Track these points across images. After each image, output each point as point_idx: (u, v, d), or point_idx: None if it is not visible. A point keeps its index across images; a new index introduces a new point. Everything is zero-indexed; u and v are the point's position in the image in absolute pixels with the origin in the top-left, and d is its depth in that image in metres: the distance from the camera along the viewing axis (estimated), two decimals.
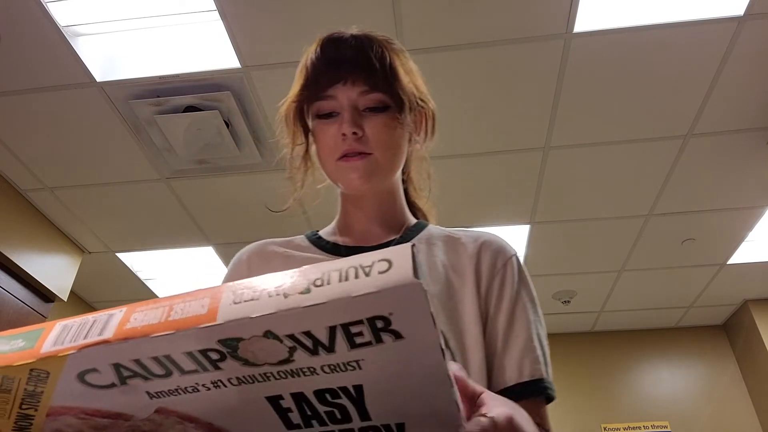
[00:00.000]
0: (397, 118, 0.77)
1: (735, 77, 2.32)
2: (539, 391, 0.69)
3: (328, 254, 0.81)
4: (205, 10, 2.11)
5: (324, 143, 0.78)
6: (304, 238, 0.86)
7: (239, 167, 2.78)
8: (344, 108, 0.76)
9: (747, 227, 3.27)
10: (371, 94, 0.76)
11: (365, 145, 0.76)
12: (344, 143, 0.76)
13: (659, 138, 2.64)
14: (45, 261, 3.15)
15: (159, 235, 3.34)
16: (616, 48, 2.21)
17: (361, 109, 0.77)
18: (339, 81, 0.76)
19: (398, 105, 0.77)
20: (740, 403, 4.18)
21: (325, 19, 2.11)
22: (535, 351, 0.71)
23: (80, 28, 2.19)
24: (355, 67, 0.76)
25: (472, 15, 2.10)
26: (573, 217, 3.20)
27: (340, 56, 0.77)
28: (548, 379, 0.71)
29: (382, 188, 0.82)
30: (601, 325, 4.51)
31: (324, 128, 0.78)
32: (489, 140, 2.67)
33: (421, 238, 0.81)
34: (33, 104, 2.42)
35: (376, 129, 0.76)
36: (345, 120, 0.75)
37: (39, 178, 2.86)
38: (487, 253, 0.78)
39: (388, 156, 0.78)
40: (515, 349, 0.71)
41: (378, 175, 0.78)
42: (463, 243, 0.79)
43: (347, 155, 0.76)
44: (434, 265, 0.76)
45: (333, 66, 0.76)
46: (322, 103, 0.78)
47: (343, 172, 0.77)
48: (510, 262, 0.77)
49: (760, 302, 4.16)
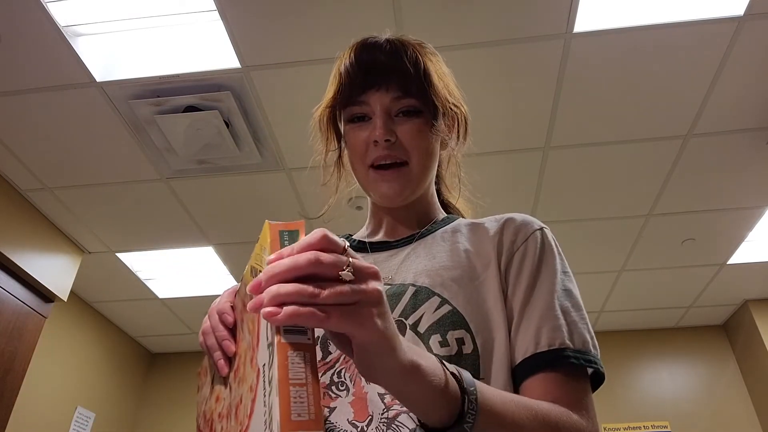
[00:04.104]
0: (431, 123, 0.77)
1: (735, 77, 2.32)
2: (559, 360, 0.62)
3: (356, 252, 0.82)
4: (205, 10, 2.11)
5: (355, 148, 0.78)
6: None
7: (239, 167, 2.78)
8: (376, 113, 0.75)
9: (747, 227, 3.27)
10: (404, 99, 0.76)
11: (397, 152, 0.75)
12: (376, 149, 0.75)
13: (659, 138, 2.64)
14: (45, 261, 3.15)
15: (159, 235, 3.34)
16: (616, 48, 2.21)
17: (394, 114, 0.76)
18: (372, 86, 0.75)
19: (431, 110, 0.77)
20: (740, 403, 4.18)
21: (325, 19, 2.11)
22: (557, 319, 0.65)
23: (80, 28, 2.19)
24: (388, 72, 0.75)
25: (472, 15, 2.10)
26: (573, 217, 3.20)
27: (374, 61, 0.76)
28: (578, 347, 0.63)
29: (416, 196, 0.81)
30: (601, 325, 4.51)
31: (356, 133, 0.78)
32: (489, 140, 2.67)
33: (447, 228, 0.81)
34: (33, 104, 2.42)
35: (409, 134, 0.76)
36: (377, 126, 0.74)
37: (39, 178, 2.86)
38: (509, 230, 0.75)
39: (422, 163, 0.77)
40: (532, 320, 0.66)
41: (411, 186, 0.77)
42: (486, 227, 0.78)
43: (381, 165, 0.76)
44: (457, 251, 0.75)
45: (366, 71, 0.76)
46: (354, 108, 0.77)
47: (375, 183, 0.77)
48: (533, 235, 0.73)
49: (760, 302, 4.16)
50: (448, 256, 0.74)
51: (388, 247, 0.80)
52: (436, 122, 0.77)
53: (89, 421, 4.06)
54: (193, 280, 3.84)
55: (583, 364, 0.63)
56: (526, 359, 0.63)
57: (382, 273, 0.74)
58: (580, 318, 0.67)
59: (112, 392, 4.40)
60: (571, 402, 0.60)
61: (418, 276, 0.72)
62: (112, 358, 4.43)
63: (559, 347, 0.63)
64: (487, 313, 0.68)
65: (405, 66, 0.75)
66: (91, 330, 4.21)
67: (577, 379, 0.63)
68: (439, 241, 0.78)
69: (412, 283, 0.71)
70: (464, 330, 0.65)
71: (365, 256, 0.79)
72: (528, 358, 0.63)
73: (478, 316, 0.67)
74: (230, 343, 0.52)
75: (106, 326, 4.39)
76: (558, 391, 0.60)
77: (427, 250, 0.76)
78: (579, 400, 0.61)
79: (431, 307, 0.67)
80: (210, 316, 0.56)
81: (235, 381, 0.49)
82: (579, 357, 0.63)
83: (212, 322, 0.55)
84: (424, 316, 0.67)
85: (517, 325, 0.67)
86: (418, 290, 0.70)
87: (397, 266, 0.76)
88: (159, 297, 4.04)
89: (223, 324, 0.54)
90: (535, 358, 0.63)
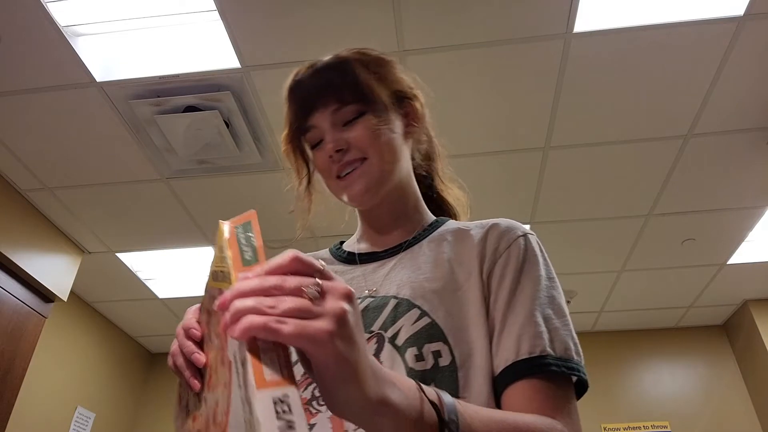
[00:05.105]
0: (377, 118, 0.78)
1: (735, 77, 2.32)
2: (540, 368, 0.61)
3: (345, 264, 0.83)
4: (205, 10, 2.11)
5: (321, 169, 0.82)
6: (327, 251, 0.89)
7: (239, 167, 2.78)
8: (326, 131, 0.78)
9: (747, 227, 3.27)
10: (343, 108, 0.78)
11: (353, 154, 0.77)
12: (334, 163, 0.78)
13: (659, 138, 2.64)
14: (45, 261, 3.15)
15: (159, 235, 3.34)
16: (616, 48, 2.21)
17: (342, 125, 0.78)
18: (313, 110, 0.79)
19: (375, 107, 0.79)
20: (740, 403, 4.18)
21: (325, 19, 2.11)
22: (538, 326, 0.64)
23: (80, 28, 2.19)
24: (321, 91, 0.79)
25: (472, 15, 2.10)
26: (573, 217, 3.20)
27: (307, 88, 0.80)
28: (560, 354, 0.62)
29: (389, 193, 0.81)
30: (601, 325, 4.50)
31: (317, 156, 0.81)
32: (489, 140, 2.67)
33: (434, 236, 0.81)
34: (33, 104, 2.42)
35: (358, 135, 0.77)
36: (326, 141, 0.78)
37: (39, 178, 2.86)
38: (492, 237, 0.75)
39: (380, 155, 0.78)
40: (513, 328, 0.65)
41: (375, 180, 0.78)
42: (472, 234, 0.77)
43: (340, 174, 0.78)
44: (440, 262, 0.75)
45: (304, 99, 0.80)
46: (309, 136, 0.81)
47: (342, 192, 0.79)
48: (516, 242, 0.73)
49: (760, 302, 4.16)
50: (432, 267, 0.74)
51: (375, 258, 0.81)
52: (383, 115, 0.79)
53: (89, 421, 4.06)
54: (193, 280, 3.84)
55: (565, 371, 0.62)
56: (507, 367, 0.63)
57: (369, 285, 0.75)
58: (563, 325, 0.66)
59: (112, 392, 4.40)
60: (553, 410, 0.59)
61: (401, 288, 0.72)
62: (112, 358, 4.43)
63: (540, 354, 0.62)
64: (467, 325, 0.67)
65: (333, 79, 0.78)
66: (91, 330, 4.21)
67: (559, 387, 0.62)
68: (425, 251, 0.78)
69: (395, 295, 0.72)
70: (442, 342, 0.65)
71: (354, 268, 0.81)
72: (509, 366, 0.63)
73: (457, 328, 0.67)
74: (199, 355, 0.51)
75: (106, 326, 4.39)
76: (539, 399, 0.60)
77: (412, 261, 0.77)
78: (561, 407, 0.60)
79: (410, 319, 0.68)
80: (177, 336, 0.56)
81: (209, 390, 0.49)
82: (560, 364, 0.62)
83: (179, 340, 0.54)
84: (403, 328, 0.67)
85: (498, 334, 0.66)
86: (399, 302, 0.70)
87: (382, 278, 0.76)
88: (159, 297, 4.04)
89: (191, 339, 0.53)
90: (515, 366, 0.62)
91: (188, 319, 0.55)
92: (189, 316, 0.55)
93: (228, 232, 0.46)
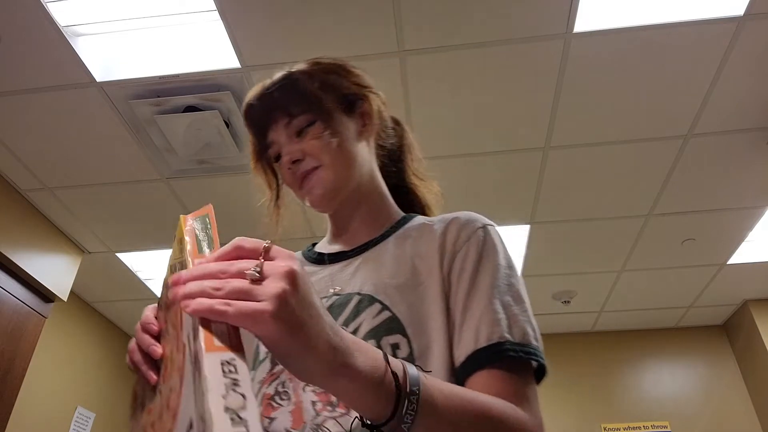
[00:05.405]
0: (326, 125, 0.80)
1: (735, 77, 2.32)
2: (498, 355, 0.62)
3: (315, 264, 0.85)
4: (205, 10, 2.11)
5: (286, 181, 0.85)
6: (300, 254, 0.91)
7: (239, 167, 2.78)
8: (282, 145, 0.82)
9: (747, 227, 3.27)
10: (294, 121, 0.80)
11: (308, 162, 0.80)
12: (293, 174, 0.81)
13: (659, 138, 2.64)
14: (45, 261, 3.15)
15: (159, 235, 3.34)
16: (616, 48, 2.21)
17: (296, 136, 0.81)
18: (268, 128, 0.83)
19: (321, 116, 0.80)
20: (740, 403, 4.18)
21: (325, 19, 2.11)
22: (496, 314, 0.65)
23: (80, 28, 2.19)
24: (271, 109, 0.82)
25: (472, 15, 2.10)
26: (573, 217, 3.20)
27: (259, 109, 0.83)
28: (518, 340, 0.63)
29: (351, 195, 0.83)
30: (601, 325, 4.51)
31: (281, 169, 0.84)
32: (489, 140, 2.67)
33: (399, 232, 0.82)
34: (33, 104, 2.42)
35: (310, 143, 0.79)
36: (282, 154, 0.81)
37: (39, 178, 2.86)
38: (452, 231, 0.75)
39: (333, 161, 0.80)
40: (473, 318, 0.66)
41: (330, 185, 0.80)
42: (434, 228, 0.78)
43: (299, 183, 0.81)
44: (403, 258, 0.76)
45: (258, 119, 0.84)
46: (270, 151, 0.85)
47: (305, 198, 0.82)
48: (476, 233, 0.73)
49: (760, 302, 4.16)
50: (395, 264, 0.76)
51: (343, 257, 0.82)
52: (332, 121, 0.81)
53: (89, 421, 4.06)
54: None
55: (523, 357, 0.63)
56: (467, 358, 0.63)
57: (335, 284, 0.77)
58: (522, 311, 0.67)
59: (112, 392, 4.40)
60: (512, 395, 0.60)
61: (364, 285, 0.74)
62: (112, 358, 4.43)
63: (498, 341, 0.63)
64: (427, 318, 0.69)
65: (275, 97, 0.81)
66: (91, 330, 4.21)
67: (518, 373, 0.62)
68: (390, 248, 0.80)
69: (358, 291, 0.73)
70: (400, 335, 0.67)
71: (323, 268, 0.83)
72: (469, 356, 0.63)
73: (417, 322, 0.68)
74: (156, 348, 0.53)
75: (106, 326, 4.39)
76: (498, 385, 0.60)
77: (376, 259, 0.79)
78: (520, 392, 0.61)
79: (371, 314, 0.69)
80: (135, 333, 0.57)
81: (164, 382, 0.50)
82: (518, 349, 0.63)
83: (137, 336, 0.56)
84: (364, 323, 0.69)
85: (459, 326, 0.67)
86: (362, 298, 0.72)
87: (349, 277, 0.78)
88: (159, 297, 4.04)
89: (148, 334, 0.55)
90: (475, 354, 0.63)
91: (146, 315, 0.57)
92: (147, 313, 0.57)
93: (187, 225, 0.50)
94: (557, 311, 4.27)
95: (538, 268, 3.71)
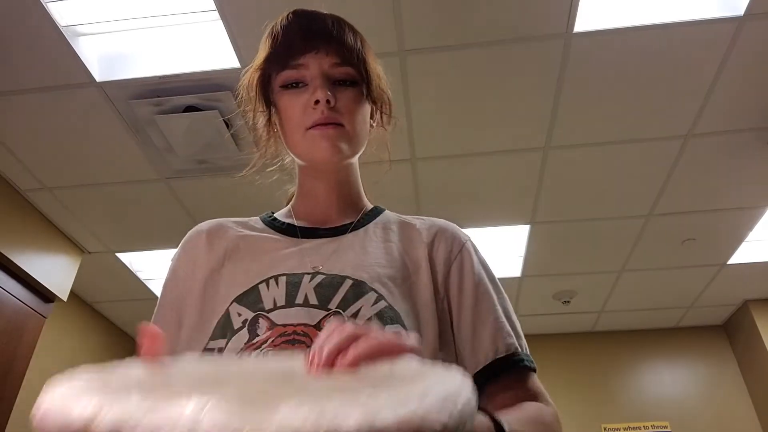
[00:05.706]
0: (365, 94, 0.79)
1: (735, 77, 2.32)
2: (517, 363, 0.71)
3: (283, 235, 0.81)
4: (205, 10, 2.11)
5: (291, 114, 0.76)
6: (258, 220, 0.88)
7: (239, 167, 2.76)
8: (316, 76, 0.74)
9: (747, 227, 3.27)
10: (343, 67, 0.76)
11: (337, 115, 0.74)
12: (315, 111, 0.73)
13: (659, 138, 2.64)
14: (45, 261, 3.15)
15: (159, 235, 3.34)
16: (616, 48, 2.21)
17: (331, 81, 0.76)
18: (312, 50, 0.75)
19: (366, 82, 0.78)
20: (740, 403, 4.18)
21: None
22: (506, 326, 0.73)
23: (80, 28, 2.19)
24: (329, 37, 0.75)
25: (471, 15, 2.10)
26: (573, 217, 3.20)
27: (314, 26, 0.76)
28: (524, 351, 0.73)
29: (345, 166, 0.82)
30: (601, 325, 4.51)
31: (291, 98, 0.76)
32: (489, 140, 2.67)
33: (377, 222, 0.82)
34: (33, 104, 2.42)
35: (347, 101, 0.75)
36: (318, 86, 0.73)
37: (39, 178, 2.86)
38: (441, 242, 0.79)
39: (356, 128, 0.77)
40: (486, 329, 0.73)
41: (347, 146, 0.76)
42: (418, 229, 0.80)
43: (319, 124, 0.73)
44: (390, 250, 0.77)
45: (306, 34, 0.75)
46: (290, 72, 0.76)
47: (313, 141, 0.74)
48: (465, 247, 0.79)
49: (760, 302, 4.16)
50: (383, 254, 0.76)
51: (317, 235, 0.79)
52: (369, 96, 0.79)
53: None
54: None
55: (530, 365, 0.72)
56: (488, 364, 0.70)
57: (313, 262, 0.74)
58: (516, 322, 0.76)
59: None
60: (538, 396, 0.70)
61: (356, 270, 0.72)
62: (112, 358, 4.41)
63: (514, 353, 0.71)
64: (418, 313, 0.72)
65: (346, 35, 0.76)
66: (91, 330, 4.21)
67: (531, 377, 0.72)
68: (371, 236, 0.79)
69: (350, 276, 0.71)
70: (400, 326, 0.68)
71: (294, 240, 0.78)
72: (489, 363, 0.70)
73: (411, 315, 0.71)
74: None
75: (106, 326, 4.39)
76: (523, 390, 0.70)
77: (359, 244, 0.77)
78: (539, 391, 0.71)
79: (368, 301, 0.69)
80: None
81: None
82: (526, 359, 0.72)
83: None
84: (363, 308, 0.68)
85: (472, 335, 0.73)
86: (355, 283, 0.70)
87: (328, 256, 0.75)
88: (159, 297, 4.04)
89: None
90: (497, 362, 0.70)
91: None
92: None
93: None
94: (557, 311, 4.27)
95: (538, 268, 3.71)
